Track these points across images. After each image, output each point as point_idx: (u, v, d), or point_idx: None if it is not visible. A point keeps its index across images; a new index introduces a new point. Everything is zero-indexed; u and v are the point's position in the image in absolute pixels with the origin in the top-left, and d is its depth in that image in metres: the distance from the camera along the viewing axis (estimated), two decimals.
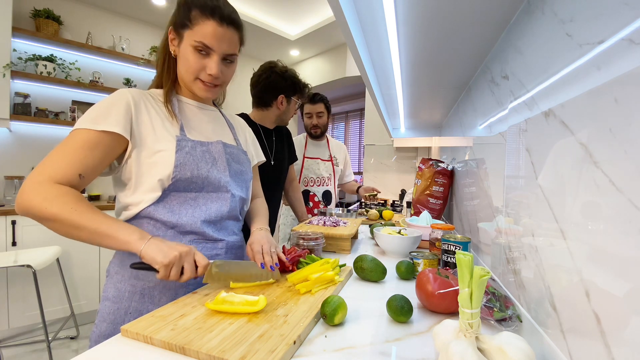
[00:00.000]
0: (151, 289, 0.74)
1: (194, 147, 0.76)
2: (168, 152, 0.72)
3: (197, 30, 0.72)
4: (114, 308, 0.73)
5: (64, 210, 0.61)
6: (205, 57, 0.75)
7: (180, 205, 0.76)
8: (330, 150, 2.09)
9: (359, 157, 5.57)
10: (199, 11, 0.72)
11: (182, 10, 0.74)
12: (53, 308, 2.25)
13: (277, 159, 1.44)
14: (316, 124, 1.96)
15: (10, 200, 2.37)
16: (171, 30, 0.76)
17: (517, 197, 0.67)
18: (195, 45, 0.73)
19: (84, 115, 0.68)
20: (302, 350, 0.51)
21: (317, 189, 1.98)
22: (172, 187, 0.74)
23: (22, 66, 2.47)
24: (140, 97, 0.75)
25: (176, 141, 0.74)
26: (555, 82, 0.52)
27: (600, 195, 0.37)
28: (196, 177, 0.75)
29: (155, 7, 2.91)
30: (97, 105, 0.70)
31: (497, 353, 0.42)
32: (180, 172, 0.73)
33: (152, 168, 0.72)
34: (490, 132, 0.93)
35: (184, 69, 0.76)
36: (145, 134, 0.73)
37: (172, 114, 0.77)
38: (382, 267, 0.84)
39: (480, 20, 0.79)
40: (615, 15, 0.37)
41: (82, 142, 0.66)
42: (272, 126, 1.45)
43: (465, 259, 0.45)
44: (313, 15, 3.19)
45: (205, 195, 0.79)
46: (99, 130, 0.66)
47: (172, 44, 0.77)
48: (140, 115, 0.73)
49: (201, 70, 0.76)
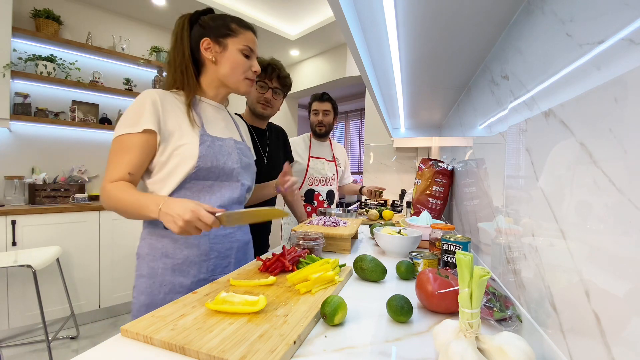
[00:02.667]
0: (180, 264, 0.86)
1: (213, 141, 0.89)
2: (192, 145, 0.84)
3: (242, 37, 0.91)
4: (149, 282, 0.85)
5: (115, 200, 0.76)
6: (248, 59, 0.93)
7: (199, 192, 0.88)
8: (333, 152, 2.12)
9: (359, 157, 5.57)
10: (237, 24, 0.91)
11: (220, 23, 0.90)
12: (53, 308, 2.25)
13: (271, 159, 1.44)
14: (321, 121, 1.98)
15: (10, 200, 2.37)
16: (206, 40, 0.89)
17: (517, 197, 0.67)
18: (243, 49, 0.91)
19: (120, 121, 0.81)
20: (302, 350, 0.51)
21: (321, 189, 2.00)
22: (194, 175, 0.85)
23: (22, 66, 2.46)
24: (165, 97, 0.86)
25: (199, 136, 0.86)
26: (555, 82, 0.52)
27: (600, 195, 0.37)
28: (214, 168, 0.88)
29: (155, 7, 2.91)
30: (129, 110, 0.81)
31: (497, 353, 0.42)
32: (202, 162, 0.85)
33: (177, 158, 0.83)
34: (490, 132, 0.93)
35: (231, 70, 0.91)
36: (172, 129, 0.84)
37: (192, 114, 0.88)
38: (382, 267, 0.84)
39: (480, 20, 0.79)
40: (615, 15, 0.37)
41: (124, 146, 0.79)
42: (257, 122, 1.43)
43: (465, 259, 0.45)
44: (313, 15, 3.19)
45: (219, 184, 0.91)
46: (135, 133, 0.79)
47: (210, 52, 0.89)
48: (166, 112, 0.84)
49: (248, 69, 0.93)
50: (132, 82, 2.94)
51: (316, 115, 1.97)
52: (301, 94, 4.48)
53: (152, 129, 0.80)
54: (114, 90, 2.79)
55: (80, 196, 2.52)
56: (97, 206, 2.42)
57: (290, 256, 0.86)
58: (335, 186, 2.10)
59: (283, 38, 3.52)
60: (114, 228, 2.51)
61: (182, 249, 0.87)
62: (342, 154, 2.24)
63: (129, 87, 2.91)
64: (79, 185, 2.62)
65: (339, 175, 2.18)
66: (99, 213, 2.43)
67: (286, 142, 1.61)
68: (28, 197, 2.44)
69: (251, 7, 3.07)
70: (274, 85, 1.37)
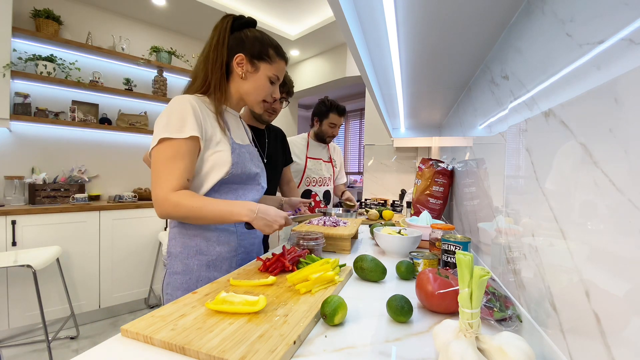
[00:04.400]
0: (213, 260, 0.92)
1: (240, 149, 0.95)
2: (226, 153, 0.90)
3: (275, 66, 0.95)
4: (185, 279, 0.89)
5: (192, 208, 0.79)
6: (273, 85, 0.97)
7: (226, 194, 0.93)
8: (330, 153, 2.15)
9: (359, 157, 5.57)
10: (275, 52, 0.95)
11: (259, 45, 0.93)
12: (53, 308, 2.25)
13: (270, 159, 1.45)
14: (335, 135, 2.06)
15: (10, 200, 2.37)
16: (241, 56, 0.92)
17: (517, 197, 0.67)
18: (272, 76, 0.95)
19: (162, 126, 0.81)
20: (302, 350, 0.51)
21: (319, 189, 2.01)
22: (226, 179, 0.91)
23: (22, 66, 2.46)
24: (200, 104, 0.88)
25: (230, 144, 0.92)
26: (555, 82, 0.52)
27: (600, 195, 0.37)
28: (243, 173, 0.94)
29: (155, 7, 2.91)
30: (170, 116, 0.82)
31: (497, 353, 0.42)
32: (235, 169, 0.91)
33: (213, 164, 0.89)
34: (490, 132, 0.93)
35: (254, 90, 0.95)
36: (210, 136, 0.88)
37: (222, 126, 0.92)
38: (382, 267, 0.84)
39: (480, 20, 0.79)
40: (615, 15, 0.37)
41: (176, 152, 0.81)
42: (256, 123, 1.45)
43: (465, 259, 0.45)
44: (313, 15, 3.19)
45: (243, 187, 0.97)
46: (185, 138, 0.81)
47: (241, 68, 0.93)
48: (205, 120, 0.88)
49: (269, 94, 0.98)
50: (132, 82, 2.94)
51: (332, 127, 2.00)
52: (301, 94, 4.48)
53: (198, 135, 0.83)
54: (114, 90, 2.79)
55: (80, 196, 2.52)
56: (97, 206, 2.42)
57: (290, 256, 0.86)
58: (331, 186, 2.12)
59: (283, 38, 3.52)
60: (114, 228, 2.51)
61: (215, 247, 0.92)
62: (338, 154, 2.27)
63: (129, 87, 2.91)
64: (79, 185, 2.62)
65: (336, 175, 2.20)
66: (99, 213, 2.43)
67: (285, 143, 1.62)
68: (28, 197, 2.44)
69: (251, 7, 3.07)
70: (283, 96, 1.42)
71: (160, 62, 3.01)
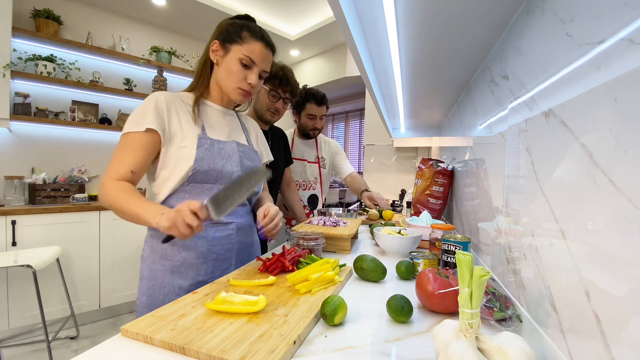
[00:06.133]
0: (178, 266, 0.87)
1: (212, 144, 0.89)
2: (190, 148, 0.85)
3: (246, 46, 0.88)
4: (150, 284, 0.87)
5: (114, 200, 0.76)
6: (247, 69, 0.90)
7: (197, 195, 0.87)
8: (318, 151, 1.96)
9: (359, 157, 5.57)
10: (249, 33, 0.89)
11: (233, 28, 0.89)
12: (53, 308, 2.25)
13: (273, 160, 1.44)
14: (317, 127, 1.84)
15: (10, 200, 2.37)
16: (215, 43, 0.90)
17: (517, 197, 0.67)
18: (242, 58, 0.88)
19: (127, 120, 0.83)
20: (302, 350, 0.51)
21: (302, 193, 1.86)
22: (192, 178, 0.85)
23: (22, 66, 2.46)
24: (171, 100, 0.88)
25: (197, 139, 0.86)
26: (555, 82, 0.52)
27: (600, 195, 0.37)
28: (212, 170, 0.87)
29: (155, 7, 2.91)
30: (136, 110, 0.84)
31: (497, 353, 0.42)
32: (199, 165, 0.85)
33: (176, 161, 0.84)
34: (490, 132, 0.93)
35: (226, 76, 0.90)
36: (174, 131, 0.85)
37: (195, 116, 0.89)
38: (382, 267, 0.84)
39: (480, 20, 0.79)
40: (615, 15, 0.37)
41: (128, 144, 0.81)
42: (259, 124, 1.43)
43: (465, 259, 0.45)
44: (313, 15, 3.19)
45: (218, 187, 0.90)
46: (139, 131, 0.80)
47: (215, 54, 0.90)
48: (170, 115, 0.86)
49: (242, 79, 0.90)
50: (132, 82, 2.94)
51: (312, 119, 1.80)
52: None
53: (155, 128, 0.81)
54: (114, 90, 2.79)
55: (80, 196, 2.52)
56: (97, 206, 2.42)
57: (290, 256, 0.86)
58: (319, 190, 1.94)
59: (283, 38, 3.52)
60: (114, 228, 2.51)
61: (180, 251, 0.87)
62: (332, 148, 2.05)
63: (129, 87, 2.91)
64: (79, 185, 2.62)
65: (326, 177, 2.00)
66: (99, 213, 2.43)
67: (286, 145, 1.61)
68: (28, 197, 2.44)
69: (251, 7, 3.07)
70: (286, 96, 1.39)
71: (160, 62, 3.01)
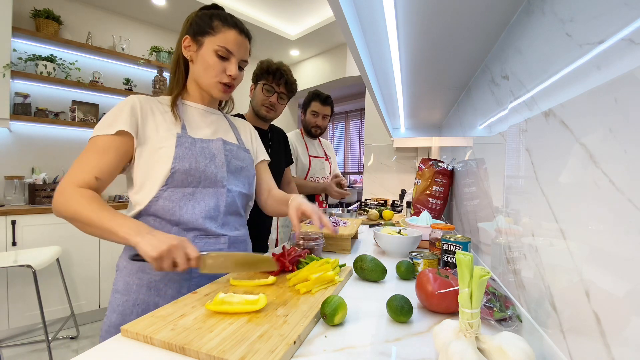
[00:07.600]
0: (157, 281, 0.77)
1: (193, 143, 0.81)
2: (168, 149, 0.77)
3: (219, 36, 0.81)
4: (123, 300, 0.76)
5: (78, 210, 0.66)
6: (224, 61, 0.82)
7: (180, 200, 0.78)
8: (324, 149, 2.12)
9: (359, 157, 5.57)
10: (220, 21, 0.82)
11: (202, 19, 0.82)
12: (53, 308, 2.25)
13: (272, 160, 1.44)
14: (319, 125, 1.96)
15: (10, 200, 2.37)
16: (187, 38, 0.83)
17: (517, 197, 0.67)
18: (217, 49, 0.81)
19: (98, 123, 0.75)
20: (302, 350, 0.51)
21: None
22: (170, 181, 0.77)
23: (22, 66, 2.46)
24: (147, 102, 0.81)
25: (176, 138, 0.79)
26: (555, 82, 0.52)
27: (600, 195, 0.37)
28: (194, 170, 0.79)
29: (155, 7, 2.91)
30: (108, 113, 0.76)
31: (497, 353, 0.42)
32: (178, 164, 0.77)
33: (154, 165, 0.76)
34: (490, 132, 0.93)
35: (203, 71, 0.82)
36: (150, 134, 0.78)
37: (176, 115, 0.82)
38: (382, 267, 0.84)
39: (480, 20, 0.79)
40: (615, 15, 0.37)
41: (96, 147, 0.72)
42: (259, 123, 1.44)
43: (465, 259, 0.45)
44: (313, 15, 3.19)
45: (202, 191, 0.81)
46: (109, 134, 0.73)
47: (188, 50, 0.83)
48: (146, 117, 0.79)
49: (221, 72, 0.83)
50: (132, 82, 2.94)
51: (315, 116, 1.94)
52: (301, 94, 4.46)
53: (127, 130, 0.73)
54: (114, 90, 2.79)
55: None
56: None
57: (290, 256, 0.86)
58: None
59: (283, 38, 3.52)
60: None
61: None
62: (331, 149, 2.24)
63: (129, 87, 2.91)
64: None
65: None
66: None
67: (287, 144, 1.61)
68: (28, 197, 2.44)
69: (251, 7, 3.08)
70: (280, 90, 1.38)
71: (160, 62, 3.01)
